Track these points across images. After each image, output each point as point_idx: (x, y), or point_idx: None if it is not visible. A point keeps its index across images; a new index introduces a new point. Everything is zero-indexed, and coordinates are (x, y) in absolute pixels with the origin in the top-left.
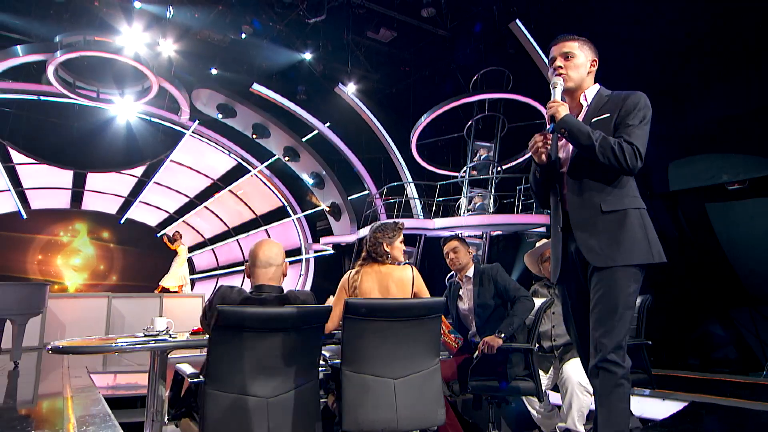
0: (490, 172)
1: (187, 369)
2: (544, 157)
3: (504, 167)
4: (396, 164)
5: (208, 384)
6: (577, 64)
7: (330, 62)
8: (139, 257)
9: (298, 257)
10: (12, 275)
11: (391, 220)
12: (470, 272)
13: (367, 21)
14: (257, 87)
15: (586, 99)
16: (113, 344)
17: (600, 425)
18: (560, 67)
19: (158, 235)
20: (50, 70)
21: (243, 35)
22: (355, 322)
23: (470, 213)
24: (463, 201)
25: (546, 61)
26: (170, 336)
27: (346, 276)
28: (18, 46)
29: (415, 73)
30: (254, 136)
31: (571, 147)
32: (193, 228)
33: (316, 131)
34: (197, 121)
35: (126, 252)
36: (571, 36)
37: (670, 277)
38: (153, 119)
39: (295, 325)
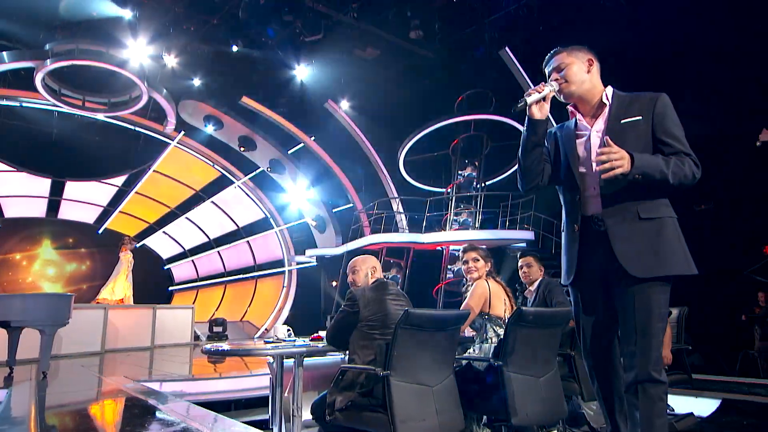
0: (475, 189)
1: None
2: (548, 106)
3: (487, 183)
4: (381, 178)
5: (393, 375)
6: (573, 71)
7: (318, 78)
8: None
9: (280, 269)
10: None
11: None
12: (534, 286)
13: (356, 39)
14: (246, 100)
15: (608, 98)
16: (260, 349)
17: None
18: (557, 79)
19: (137, 246)
20: (38, 78)
21: (234, 48)
22: (521, 327)
23: (457, 227)
24: (450, 216)
25: (531, 84)
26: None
27: (483, 284)
28: (5, 53)
29: (399, 90)
30: (242, 149)
31: (592, 144)
32: (172, 239)
33: (302, 144)
34: (182, 132)
35: (103, 262)
36: (556, 50)
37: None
38: (137, 128)
39: (451, 325)
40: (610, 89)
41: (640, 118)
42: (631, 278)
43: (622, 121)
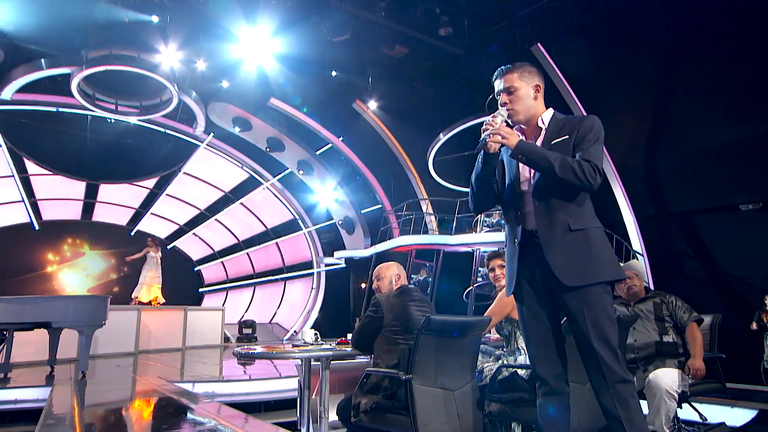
0: None
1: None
2: (497, 146)
3: None
4: (410, 178)
5: (416, 379)
6: (520, 96)
7: (346, 77)
8: None
9: (309, 271)
10: (23, 285)
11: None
12: None
13: (384, 38)
14: (274, 101)
15: (543, 122)
16: (289, 353)
17: None
18: (506, 103)
19: (168, 247)
20: (74, 83)
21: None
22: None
23: (488, 229)
24: (480, 218)
25: (566, 82)
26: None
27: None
28: (42, 60)
29: (428, 88)
30: (268, 150)
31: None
32: (203, 240)
33: (330, 144)
34: (212, 134)
35: (136, 263)
36: (509, 68)
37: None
38: (167, 131)
39: (472, 331)
40: (549, 113)
41: (567, 137)
42: (570, 287)
43: (552, 142)
